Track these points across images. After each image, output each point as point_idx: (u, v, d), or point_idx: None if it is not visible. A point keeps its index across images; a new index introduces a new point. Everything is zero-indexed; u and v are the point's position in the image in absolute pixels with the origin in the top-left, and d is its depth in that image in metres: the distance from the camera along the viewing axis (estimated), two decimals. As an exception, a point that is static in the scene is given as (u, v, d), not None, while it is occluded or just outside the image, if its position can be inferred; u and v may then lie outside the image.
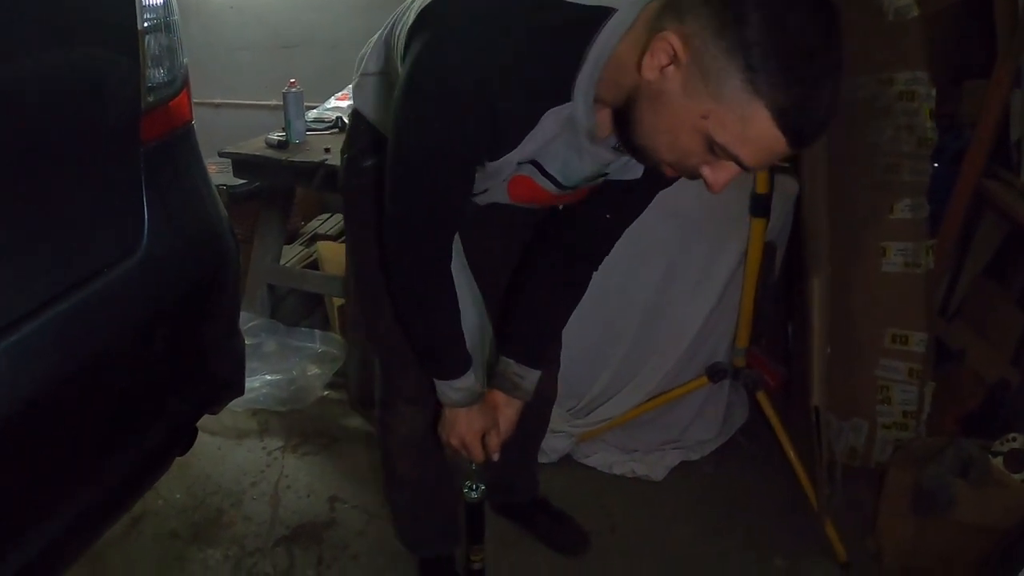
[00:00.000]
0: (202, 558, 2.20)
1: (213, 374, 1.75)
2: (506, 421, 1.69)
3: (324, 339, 2.81)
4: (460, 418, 1.61)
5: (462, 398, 1.59)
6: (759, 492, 2.49)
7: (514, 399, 1.70)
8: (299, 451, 2.62)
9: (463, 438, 1.63)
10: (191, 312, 1.64)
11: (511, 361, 1.68)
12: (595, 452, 2.57)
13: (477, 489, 1.80)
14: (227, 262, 1.73)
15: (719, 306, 2.42)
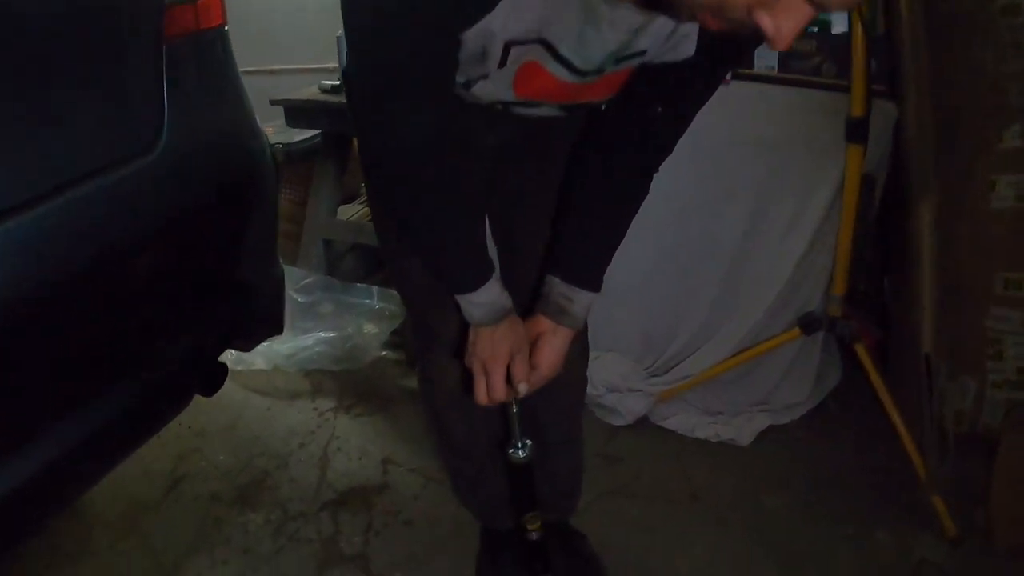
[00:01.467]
0: (242, 522, 1.95)
1: (243, 302, 1.51)
2: (552, 353, 1.34)
3: (382, 296, 2.53)
4: (482, 337, 1.28)
5: (484, 314, 1.26)
6: (856, 460, 2.13)
7: (561, 327, 1.34)
8: (352, 412, 2.35)
9: (484, 361, 1.29)
10: (216, 223, 1.41)
11: (557, 280, 1.33)
12: (675, 414, 2.23)
13: (523, 447, 1.45)
14: (258, 174, 1.50)
15: (812, 249, 2.06)
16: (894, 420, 1.93)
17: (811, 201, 2.01)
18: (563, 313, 1.33)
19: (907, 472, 1.94)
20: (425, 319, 1.45)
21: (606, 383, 2.23)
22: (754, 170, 2.04)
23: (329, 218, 2.52)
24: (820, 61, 1.96)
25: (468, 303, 1.25)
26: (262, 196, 1.50)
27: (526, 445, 1.45)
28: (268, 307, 1.58)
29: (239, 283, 1.47)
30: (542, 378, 1.35)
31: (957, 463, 1.96)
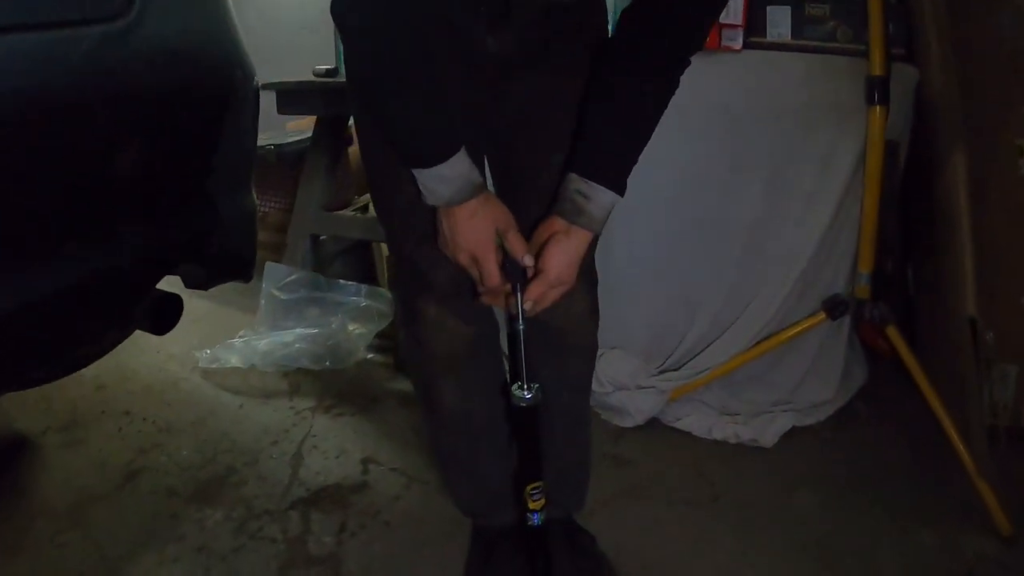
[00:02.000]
0: (199, 517, 1.70)
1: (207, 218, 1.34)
2: (563, 255, 1.15)
3: (370, 294, 2.33)
4: (460, 220, 1.09)
5: (456, 190, 1.07)
6: (893, 459, 1.90)
7: (575, 227, 1.16)
8: (332, 412, 2.12)
9: (471, 249, 1.10)
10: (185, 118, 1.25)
11: (574, 175, 1.16)
12: (688, 414, 2.00)
13: (529, 388, 1.22)
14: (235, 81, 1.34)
15: (835, 222, 1.89)
16: (933, 406, 1.70)
17: (832, 171, 1.84)
18: (579, 212, 1.15)
19: (951, 467, 1.72)
20: (414, 262, 1.25)
21: (613, 380, 2.00)
22: (770, 142, 1.87)
23: (318, 212, 2.36)
24: (835, 26, 1.83)
25: (437, 179, 1.07)
26: (238, 108, 1.33)
27: (532, 387, 1.23)
28: (234, 240, 1.39)
29: (206, 196, 1.29)
30: (549, 283, 1.15)
31: (1002, 459, 1.73)
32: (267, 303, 2.33)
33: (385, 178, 1.22)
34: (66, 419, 2.11)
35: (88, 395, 2.24)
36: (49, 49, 1.02)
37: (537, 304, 1.18)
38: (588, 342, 1.42)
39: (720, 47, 1.84)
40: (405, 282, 1.33)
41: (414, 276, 1.28)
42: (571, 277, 1.18)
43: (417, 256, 1.23)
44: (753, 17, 1.84)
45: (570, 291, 1.26)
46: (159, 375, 2.35)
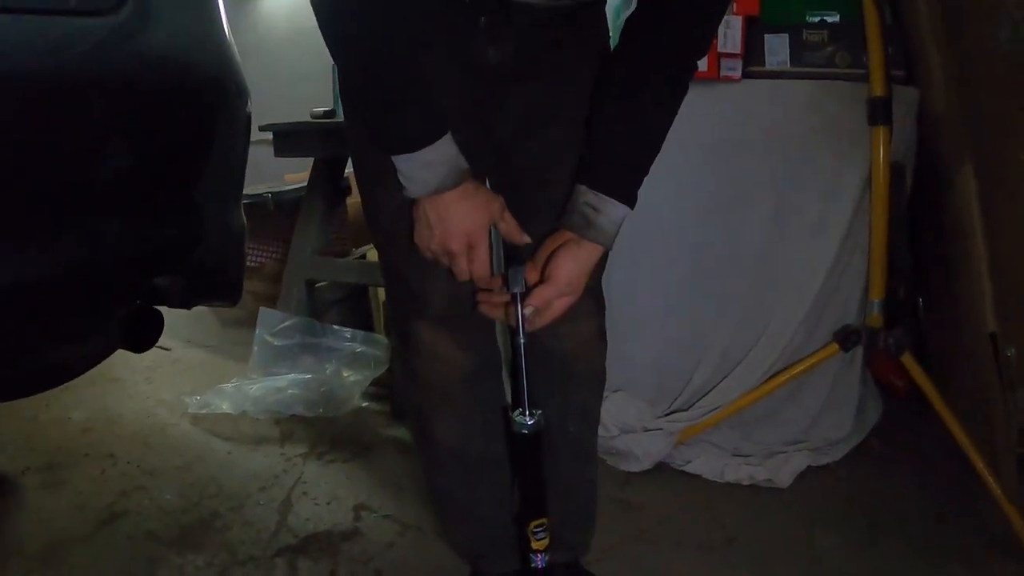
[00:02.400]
0: (179, 563, 1.57)
1: (193, 228, 1.28)
2: (571, 263, 1.09)
3: (366, 340, 2.25)
4: (450, 204, 1.01)
5: (443, 176, 1.00)
6: (913, 495, 1.79)
7: (585, 241, 1.10)
8: (325, 458, 2.00)
9: (463, 232, 1.02)
10: (168, 124, 1.22)
11: (583, 188, 1.11)
12: (698, 456, 1.88)
13: (531, 414, 1.13)
14: (228, 92, 1.32)
15: (844, 250, 1.82)
16: (954, 431, 1.61)
17: (838, 197, 1.80)
18: (589, 226, 1.10)
19: (975, 497, 1.63)
20: (405, 279, 1.18)
21: (618, 423, 1.90)
22: (774, 171, 1.83)
23: (314, 256, 2.30)
24: (834, 51, 1.82)
25: (422, 165, 1.00)
26: (229, 120, 1.31)
27: (535, 413, 1.13)
28: (219, 255, 1.34)
29: (192, 204, 1.24)
30: (557, 289, 1.09)
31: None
32: (260, 349, 2.25)
33: (375, 184, 1.15)
34: (48, 460, 2.02)
35: (73, 437, 2.15)
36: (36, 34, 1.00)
37: (541, 314, 1.10)
38: (596, 368, 1.33)
39: (719, 77, 1.82)
40: (398, 304, 1.26)
41: (407, 296, 1.19)
42: (579, 287, 1.11)
43: (407, 269, 1.15)
44: (751, 46, 1.82)
45: (576, 311, 1.19)
46: (147, 420, 2.26)
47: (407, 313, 1.21)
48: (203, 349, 2.85)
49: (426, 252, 1.07)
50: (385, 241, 1.20)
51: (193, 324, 2.82)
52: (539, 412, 1.15)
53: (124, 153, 1.12)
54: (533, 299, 1.08)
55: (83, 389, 2.47)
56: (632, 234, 1.17)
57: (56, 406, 2.35)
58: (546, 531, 1.23)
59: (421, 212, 1.04)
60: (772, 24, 1.84)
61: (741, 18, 1.80)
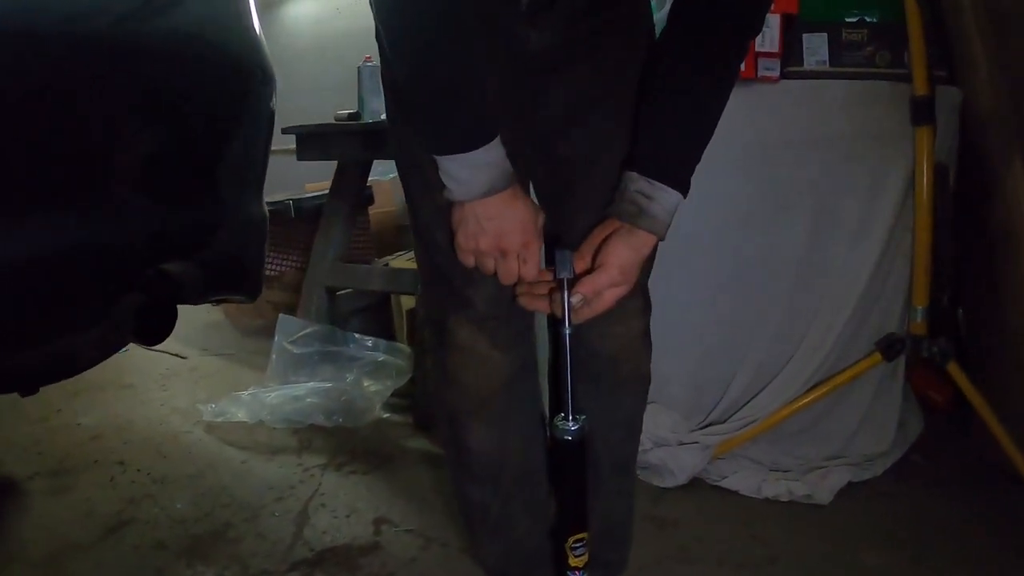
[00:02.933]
0: (188, 575, 1.50)
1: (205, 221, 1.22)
2: (624, 250, 1.01)
3: (389, 349, 2.18)
4: (500, 206, 0.95)
5: (494, 177, 0.94)
6: (960, 512, 1.68)
7: (638, 229, 1.01)
8: (344, 469, 1.92)
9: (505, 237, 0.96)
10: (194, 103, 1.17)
11: (634, 175, 1.03)
12: (734, 472, 1.79)
13: (575, 420, 1.05)
14: (252, 79, 1.27)
15: (886, 255, 1.74)
16: (1004, 444, 1.53)
17: (879, 200, 1.72)
18: (641, 214, 1.01)
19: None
20: (451, 282, 1.10)
21: (652, 436, 1.80)
22: (813, 174, 1.75)
23: (335, 263, 2.24)
24: (873, 50, 1.75)
25: (473, 167, 0.93)
26: (255, 106, 1.26)
27: (579, 419, 1.06)
28: (239, 247, 1.27)
29: (213, 188, 1.19)
30: (610, 278, 1.00)
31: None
32: (279, 357, 2.18)
33: (418, 184, 1.08)
34: (56, 466, 1.95)
35: (82, 443, 2.08)
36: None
37: (589, 305, 1.02)
38: (643, 372, 1.25)
39: (757, 77, 1.75)
40: (437, 302, 1.17)
41: (448, 295, 1.12)
42: (632, 277, 1.03)
43: (452, 269, 1.07)
44: (790, 45, 1.75)
45: (625, 309, 1.12)
46: (159, 427, 2.19)
47: (447, 311, 1.14)
48: (220, 358, 2.79)
49: (468, 256, 1.00)
50: (427, 240, 1.12)
51: (211, 333, 2.76)
52: (583, 418, 1.07)
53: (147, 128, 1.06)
54: (583, 286, 1.00)
55: (95, 394, 2.42)
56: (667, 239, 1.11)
57: (67, 411, 2.29)
58: (585, 547, 1.14)
59: (467, 215, 0.97)
60: (811, 23, 1.77)
61: (779, 16, 1.74)
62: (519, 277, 1.00)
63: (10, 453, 2.01)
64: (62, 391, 2.38)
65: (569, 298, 1.00)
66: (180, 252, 1.14)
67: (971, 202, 1.80)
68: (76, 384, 2.43)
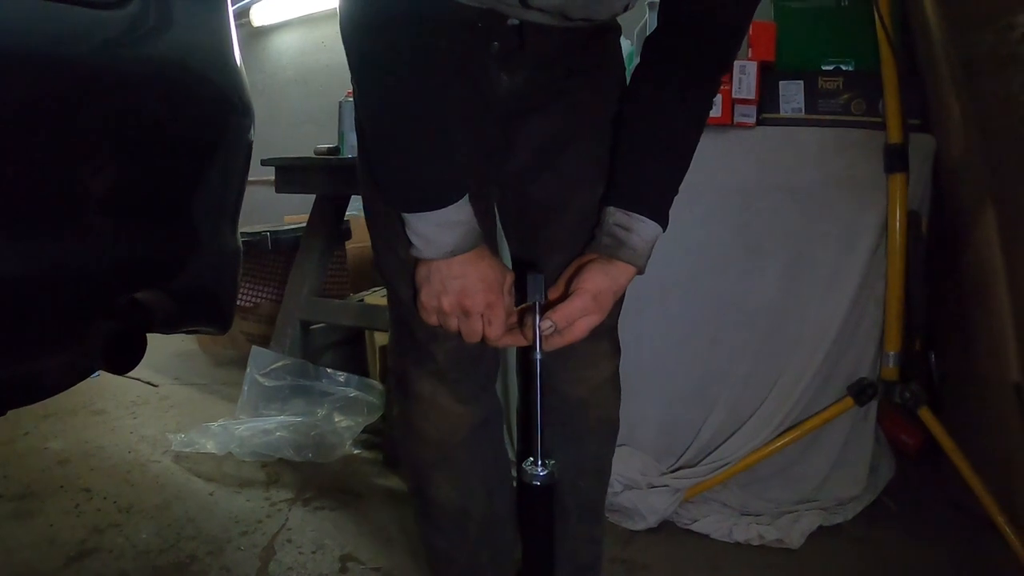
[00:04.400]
0: (150, 610, 1.50)
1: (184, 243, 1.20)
2: (600, 277, 0.99)
3: (361, 385, 2.16)
4: (467, 264, 0.94)
5: (461, 236, 0.93)
6: (932, 557, 1.68)
7: (617, 261, 1.01)
8: (311, 505, 1.89)
9: (469, 298, 0.94)
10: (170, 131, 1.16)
11: (610, 208, 1.03)
12: (706, 515, 1.78)
13: (544, 464, 1.01)
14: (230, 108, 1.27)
15: (859, 301, 1.76)
16: (976, 490, 1.53)
17: (853, 246, 1.74)
18: (620, 245, 1.01)
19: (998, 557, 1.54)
20: (413, 335, 1.09)
21: (622, 478, 1.79)
22: (787, 219, 1.77)
23: (310, 297, 2.22)
24: (849, 99, 1.79)
25: (443, 225, 0.92)
26: (232, 136, 1.26)
27: (548, 463, 1.02)
28: (211, 278, 1.27)
29: (187, 217, 1.18)
30: (583, 305, 0.98)
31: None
32: (250, 388, 2.15)
33: (387, 228, 1.04)
34: (20, 490, 1.92)
35: (49, 468, 2.05)
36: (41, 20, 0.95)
37: (561, 334, 0.99)
38: (612, 417, 1.24)
39: (734, 123, 1.78)
40: (400, 354, 1.15)
41: (411, 347, 1.11)
42: (606, 306, 1.01)
43: (414, 323, 1.05)
44: (766, 92, 1.79)
45: (595, 354, 1.14)
46: (127, 455, 2.15)
47: (408, 364, 1.12)
48: (191, 387, 2.75)
49: (430, 315, 0.98)
50: (393, 294, 1.11)
51: (183, 362, 2.73)
52: (552, 462, 1.03)
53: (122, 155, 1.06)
54: (555, 313, 0.97)
55: (64, 419, 2.39)
56: (640, 282, 1.12)
57: (34, 435, 2.25)
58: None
59: (432, 273, 0.95)
60: (787, 71, 1.81)
61: (756, 64, 1.77)
62: (483, 337, 0.98)
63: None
64: (31, 414, 2.36)
65: (540, 323, 0.97)
66: (152, 281, 1.14)
67: (944, 249, 1.82)
68: (46, 408, 2.40)
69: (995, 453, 1.62)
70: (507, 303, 0.99)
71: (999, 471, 1.58)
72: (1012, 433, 1.54)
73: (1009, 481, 1.56)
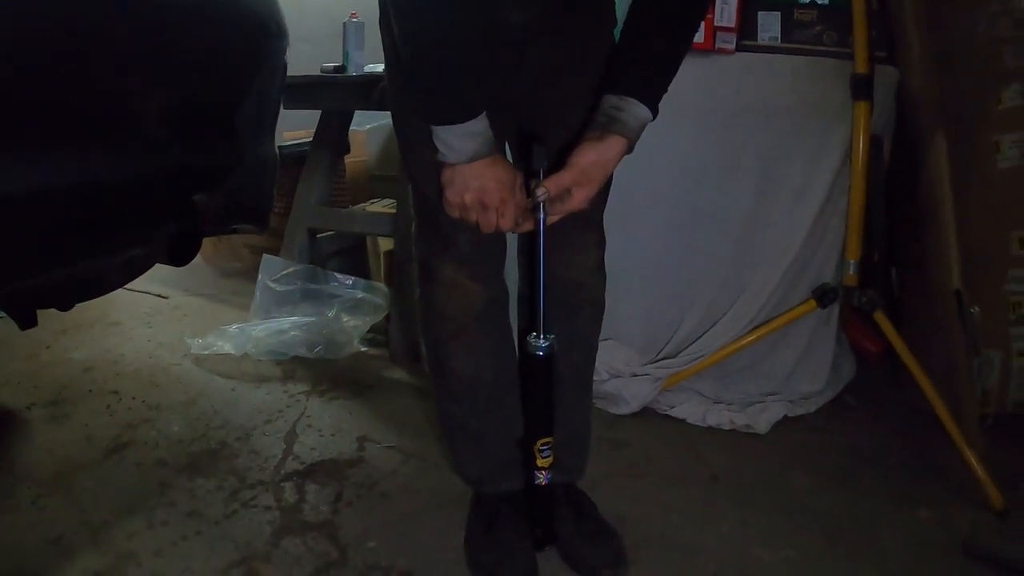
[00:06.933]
0: (189, 487, 1.60)
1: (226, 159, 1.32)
2: (593, 153, 1.13)
3: (367, 288, 2.29)
4: (485, 168, 1.09)
5: (480, 145, 1.09)
6: (884, 445, 1.89)
7: (607, 135, 1.13)
8: (327, 395, 2.04)
9: (488, 195, 1.10)
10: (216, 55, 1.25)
11: (607, 96, 1.16)
12: (682, 402, 1.96)
13: (545, 337, 1.22)
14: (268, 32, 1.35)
15: (824, 213, 1.91)
16: (922, 385, 1.70)
17: (820, 165, 1.88)
18: (612, 122, 1.13)
19: (941, 450, 1.75)
20: (440, 228, 1.25)
21: (607, 368, 1.97)
22: (761, 138, 1.91)
23: (317, 206, 2.33)
24: (821, 30, 1.90)
25: (466, 135, 1.08)
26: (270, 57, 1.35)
27: (548, 337, 1.22)
28: (254, 183, 1.38)
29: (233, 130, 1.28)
30: (575, 176, 1.13)
31: (992, 443, 1.75)
32: (262, 294, 2.26)
33: (414, 145, 1.22)
34: (52, 396, 2.01)
35: (75, 375, 2.14)
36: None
37: (561, 203, 1.15)
38: (599, 298, 1.43)
39: (715, 49, 1.89)
40: (426, 244, 1.33)
41: (436, 235, 1.28)
42: (597, 178, 1.15)
43: (440, 217, 1.20)
44: (746, 21, 1.90)
45: (584, 242, 1.32)
46: (149, 360, 2.26)
47: (434, 251, 1.30)
48: (201, 297, 2.85)
49: (453, 209, 1.14)
50: (420, 193, 1.28)
51: (190, 275, 2.79)
52: (552, 336, 1.23)
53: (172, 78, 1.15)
54: (548, 182, 1.13)
55: (82, 331, 2.47)
56: (626, 192, 1.25)
57: (56, 347, 2.34)
58: (551, 450, 1.32)
59: (455, 175, 1.11)
60: (766, 1, 1.92)
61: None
62: (496, 227, 1.14)
63: (5, 387, 2.06)
64: (50, 329, 2.44)
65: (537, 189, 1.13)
66: (205, 186, 1.25)
67: (903, 171, 1.98)
68: (63, 322, 2.49)
69: (944, 357, 1.80)
70: (518, 198, 1.16)
71: (945, 373, 1.77)
72: (954, 335, 1.73)
73: (954, 379, 1.75)
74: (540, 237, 1.16)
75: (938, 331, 1.80)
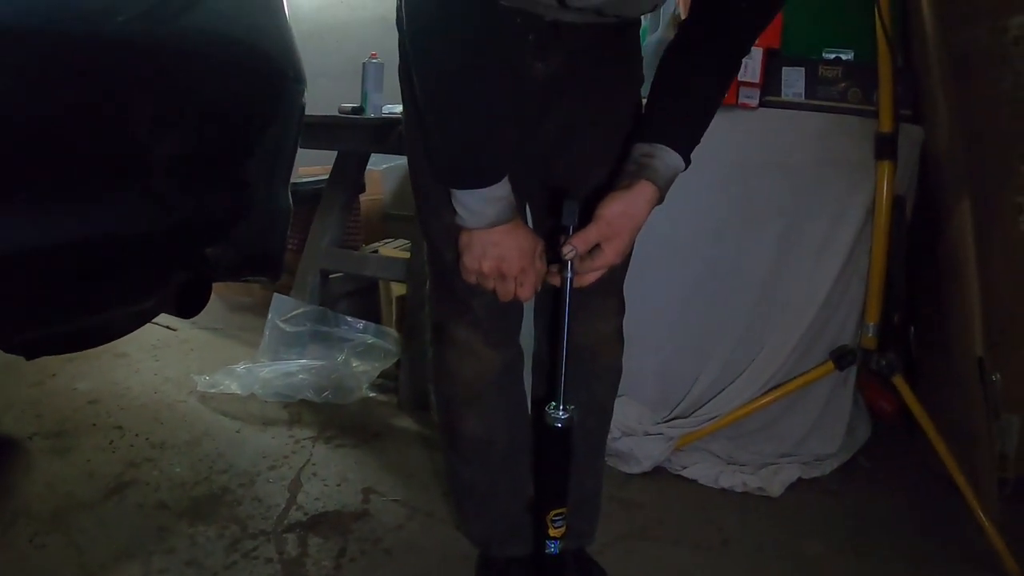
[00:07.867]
0: (190, 533, 1.57)
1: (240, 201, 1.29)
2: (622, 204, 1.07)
3: (377, 332, 2.27)
4: (504, 235, 1.05)
5: (501, 210, 1.04)
6: (899, 511, 1.84)
7: (636, 183, 1.08)
8: (333, 442, 2.00)
9: (507, 264, 1.06)
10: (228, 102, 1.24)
11: (638, 144, 1.12)
12: (695, 463, 1.92)
13: (565, 409, 1.15)
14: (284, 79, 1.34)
15: (844, 274, 1.88)
16: (940, 451, 1.66)
17: (842, 224, 1.86)
18: (642, 168, 1.09)
19: (957, 516, 1.69)
20: (455, 292, 1.22)
21: (620, 426, 1.92)
22: (783, 195, 1.89)
23: (331, 247, 2.31)
24: (846, 87, 1.90)
25: (486, 200, 1.04)
26: (285, 104, 1.33)
27: (569, 408, 1.16)
28: (265, 234, 1.36)
29: (242, 180, 1.26)
30: (600, 231, 1.07)
31: (1010, 509, 1.70)
32: (271, 333, 2.24)
33: (431, 206, 1.19)
34: (55, 427, 1.99)
35: (80, 407, 2.12)
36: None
37: (591, 259, 1.10)
38: (616, 365, 1.40)
39: (738, 104, 1.88)
40: (441, 306, 1.29)
41: (451, 298, 1.24)
42: (624, 230, 1.09)
43: (455, 281, 1.16)
44: (770, 77, 1.89)
45: (604, 309, 1.31)
46: (154, 396, 2.23)
47: (449, 314, 1.27)
48: (209, 332, 2.83)
49: (470, 276, 1.10)
50: (436, 254, 1.24)
51: (199, 308, 2.81)
52: (572, 407, 1.17)
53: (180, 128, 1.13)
54: (575, 239, 1.07)
55: (89, 361, 2.45)
56: (646, 245, 1.22)
57: (62, 375, 2.32)
58: (564, 520, 1.26)
59: (474, 241, 1.07)
60: (790, 57, 1.91)
61: (762, 50, 1.87)
62: (515, 297, 1.10)
63: (8, 414, 2.04)
64: (56, 357, 2.39)
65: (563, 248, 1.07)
66: (215, 237, 1.23)
67: (926, 232, 1.95)
68: (71, 351, 2.48)
69: (962, 421, 1.76)
70: (539, 266, 1.12)
71: (963, 436, 1.73)
72: (975, 401, 1.69)
73: (972, 445, 1.70)
74: (566, 297, 1.10)
75: (959, 397, 1.75)
